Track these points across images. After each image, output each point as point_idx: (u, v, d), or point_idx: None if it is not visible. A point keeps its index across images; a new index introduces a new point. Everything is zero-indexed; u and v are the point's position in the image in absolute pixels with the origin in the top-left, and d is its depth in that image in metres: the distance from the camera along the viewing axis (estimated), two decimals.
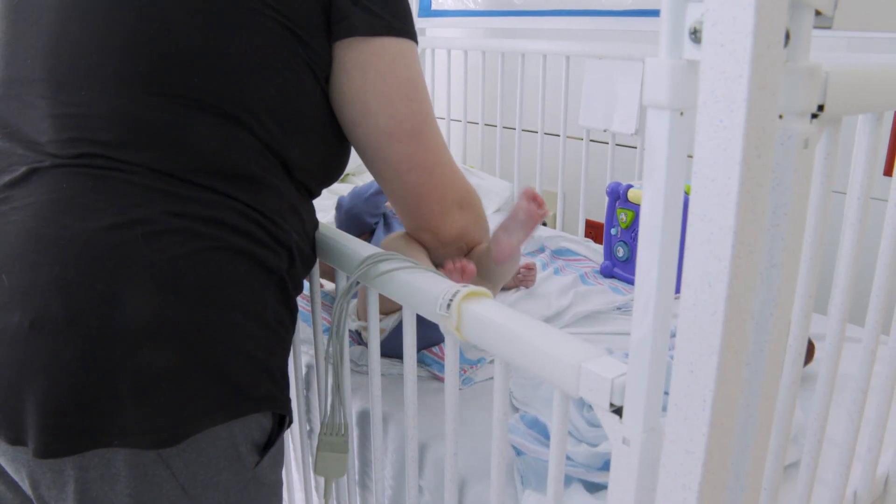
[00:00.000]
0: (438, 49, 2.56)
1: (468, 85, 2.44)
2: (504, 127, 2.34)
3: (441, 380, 1.26)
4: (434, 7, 2.66)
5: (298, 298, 0.94)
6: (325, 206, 1.96)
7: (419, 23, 2.66)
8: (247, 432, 0.79)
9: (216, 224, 0.77)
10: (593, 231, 2.24)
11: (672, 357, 0.51)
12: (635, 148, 2.08)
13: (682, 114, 0.48)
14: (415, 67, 0.93)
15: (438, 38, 2.61)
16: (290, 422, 0.88)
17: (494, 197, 2.24)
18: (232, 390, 0.76)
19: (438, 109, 2.62)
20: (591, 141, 2.13)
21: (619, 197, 1.72)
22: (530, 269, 1.64)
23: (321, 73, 0.88)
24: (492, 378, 1.27)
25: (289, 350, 0.89)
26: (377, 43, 0.88)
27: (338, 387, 0.97)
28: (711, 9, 0.44)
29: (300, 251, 0.90)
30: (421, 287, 0.79)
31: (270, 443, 0.84)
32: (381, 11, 0.89)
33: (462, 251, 1.08)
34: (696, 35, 0.47)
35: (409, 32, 0.92)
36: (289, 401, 0.87)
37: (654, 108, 0.48)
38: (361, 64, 0.88)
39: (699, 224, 0.47)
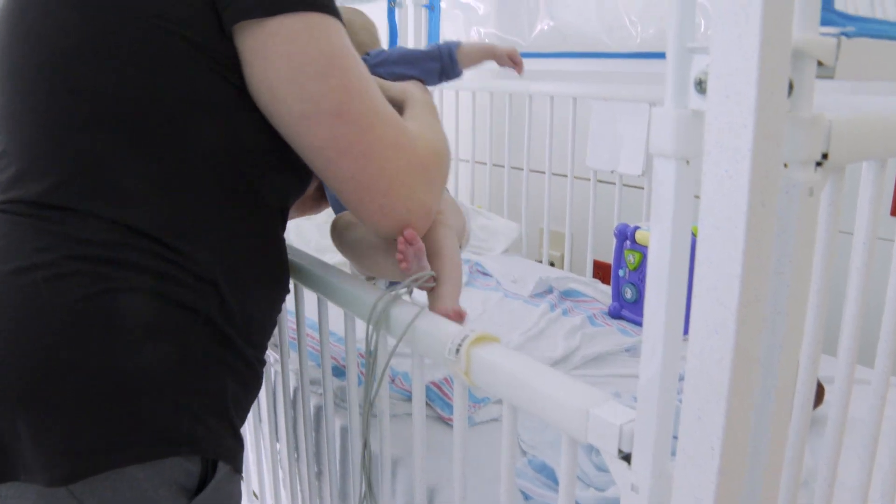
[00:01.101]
0: (446, 90, 2.59)
1: (476, 125, 2.47)
2: (512, 167, 2.35)
3: (447, 420, 1.26)
4: None
5: (310, 334, 0.92)
6: None
7: None
8: (165, 475, 0.76)
9: (119, 265, 0.76)
10: (601, 271, 2.24)
11: (681, 401, 0.51)
12: (642, 188, 2.09)
13: (687, 162, 0.49)
14: (329, 41, 0.81)
15: None
16: (238, 469, 0.84)
17: (502, 238, 2.25)
18: (137, 431, 0.74)
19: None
20: (599, 181, 2.14)
21: (626, 238, 1.73)
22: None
23: (230, 72, 0.80)
24: (497, 419, 1.27)
25: (245, 388, 0.86)
26: (274, 22, 0.78)
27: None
28: (716, 60, 0.45)
29: (235, 283, 0.83)
30: (430, 332, 0.79)
31: (201, 488, 0.79)
32: None
33: None
34: (701, 86, 0.48)
35: (314, 4, 0.80)
36: (228, 444, 0.82)
37: (660, 156, 0.49)
38: (259, 49, 0.79)
39: (705, 271, 0.47)
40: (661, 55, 1.95)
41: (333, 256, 1.51)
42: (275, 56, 0.79)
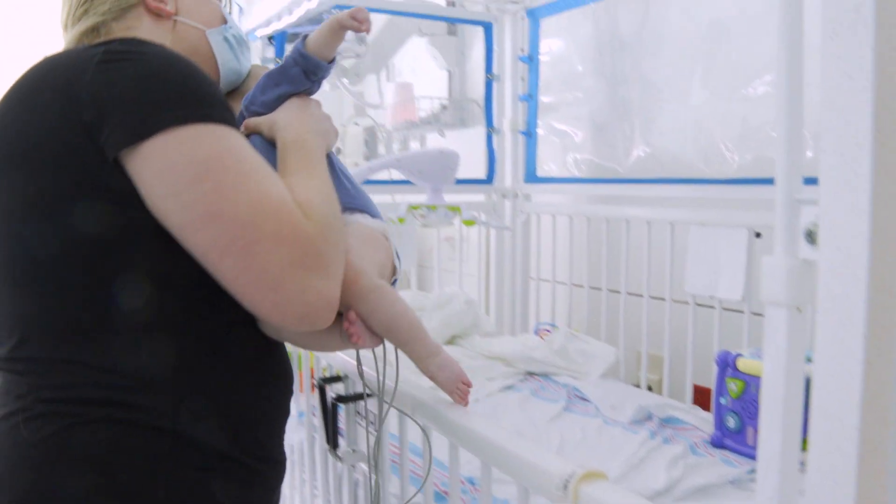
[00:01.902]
0: (543, 214, 2.64)
1: (573, 248, 2.49)
2: (609, 290, 2.36)
3: None
4: (539, 174, 2.76)
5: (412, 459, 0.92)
6: None
7: (524, 189, 2.76)
8: None
9: (75, 402, 0.83)
10: (701, 396, 2.18)
11: None
12: (742, 312, 2.05)
13: (799, 310, 0.50)
14: (202, 148, 0.81)
15: (543, 203, 2.70)
16: None
17: (599, 362, 2.24)
18: None
19: (543, 272, 2.68)
20: (697, 305, 2.12)
21: (728, 366, 1.69)
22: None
23: (129, 201, 0.82)
24: None
25: (243, 483, 0.91)
26: (147, 146, 0.79)
27: None
28: (826, 212, 0.47)
29: (200, 393, 0.87)
30: (536, 465, 0.80)
31: None
32: (135, 110, 0.80)
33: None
34: (811, 236, 0.49)
35: (185, 119, 0.81)
36: None
37: (772, 304, 0.50)
38: (140, 173, 0.80)
39: (821, 420, 0.48)
40: (760, 181, 1.96)
41: None
42: (152, 177, 0.80)
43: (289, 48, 2.44)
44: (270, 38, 2.24)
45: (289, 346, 1.08)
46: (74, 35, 1.02)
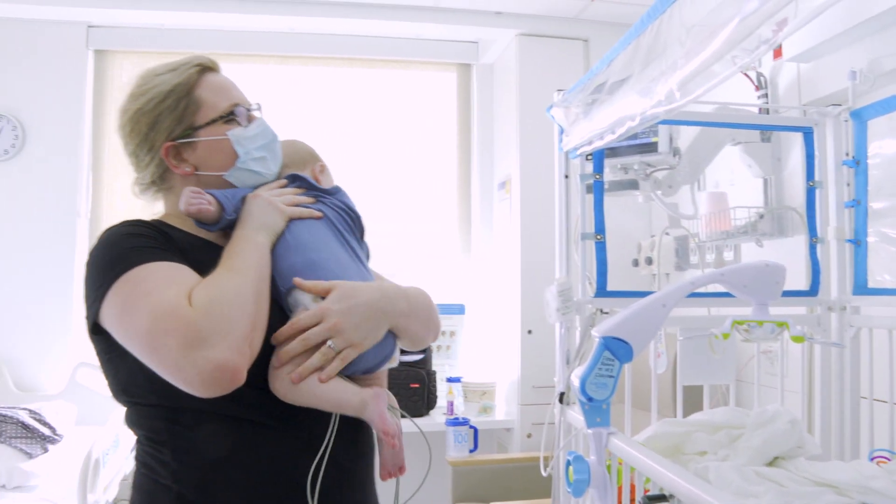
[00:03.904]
0: (877, 329, 2.42)
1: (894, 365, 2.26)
2: None
3: None
4: (871, 285, 2.56)
5: None
6: None
7: (853, 301, 2.57)
8: None
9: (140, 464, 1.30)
10: None
11: None
12: None
13: None
14: (117, 299, 1.16)
15: (876, 316, 2.48)
16: None
17: None
18: None
19: (879, 391, 2.43)
20: None
21: None
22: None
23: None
24: None
25: None
26: (102, 308, 1.19)
27: None
28: None
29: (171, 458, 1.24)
30: None
31: None
32: (89, 299, 1.22)
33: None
34: None
35: (103, 285, 1.18)
36: None
37: None
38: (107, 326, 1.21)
39: None
40: None
41: None
42: (109, 327, 1.20)
43: (608, 163, 2.54)
44: (588, 155, 2.35)
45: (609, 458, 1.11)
46: (142, 187, 1.44)
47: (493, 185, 4.49)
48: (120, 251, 1.21)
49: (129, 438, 3.43)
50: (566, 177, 2.44)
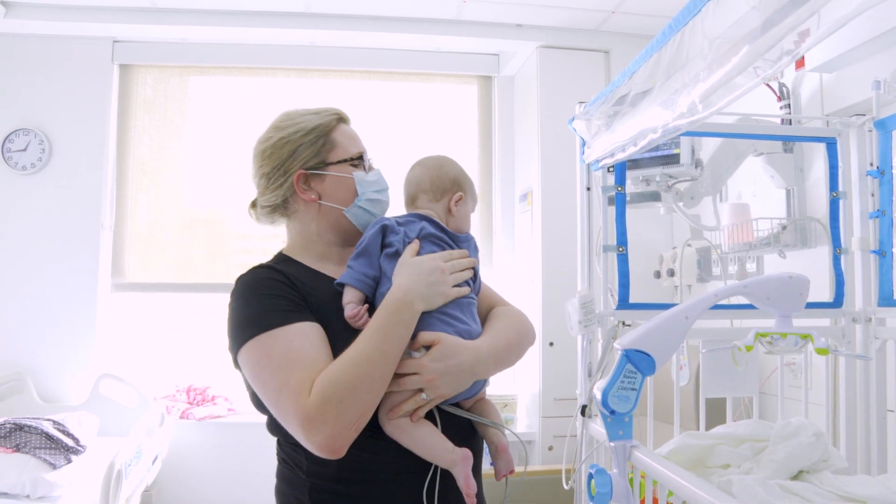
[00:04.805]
0: None
1: None
2: None
3: None
4: None
5: None
6: None
7: (878, 312, 2.54)
8: None
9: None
10: None
11: None
12: None
13: None
14: (251, 357, 1.37)
15: None
16: None
17: None
18: None
19: None
20: None
21: None
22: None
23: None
24: None
25: None
26: (239, 356, 1.41)
27: None
28: None
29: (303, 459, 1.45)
30: None
31: None
32: (230, 339, 1.42)
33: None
34: None
35: (239, 338, 1.39)
36: None
37: None
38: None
39: None
40: None
41: None
42: (245, 373, 1.44)
43: (630, 174, 2.54)
44: (610, 167, 2.34)
45: None
46: (265, 211, 1.62)
47: (515, 196, 4.49)
48: (252, 314, 1.40)
49: (152, 450, 3.46)
50: (588, 189, 2.44)
